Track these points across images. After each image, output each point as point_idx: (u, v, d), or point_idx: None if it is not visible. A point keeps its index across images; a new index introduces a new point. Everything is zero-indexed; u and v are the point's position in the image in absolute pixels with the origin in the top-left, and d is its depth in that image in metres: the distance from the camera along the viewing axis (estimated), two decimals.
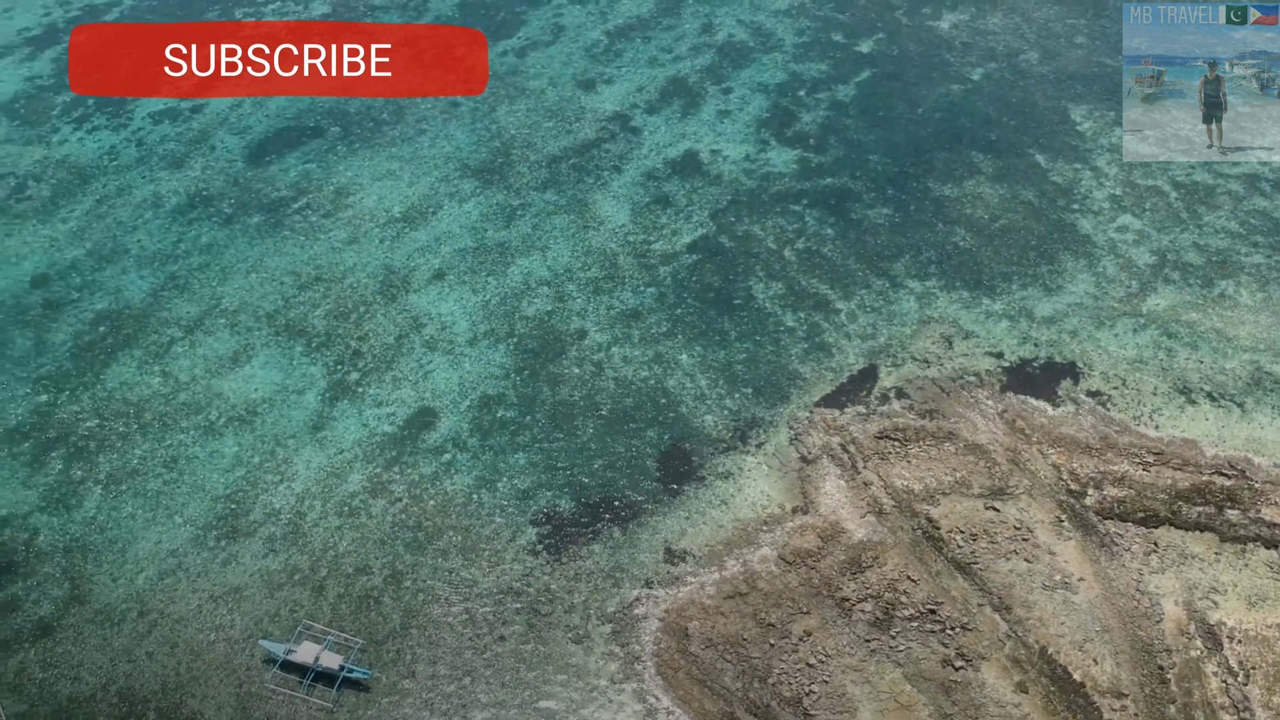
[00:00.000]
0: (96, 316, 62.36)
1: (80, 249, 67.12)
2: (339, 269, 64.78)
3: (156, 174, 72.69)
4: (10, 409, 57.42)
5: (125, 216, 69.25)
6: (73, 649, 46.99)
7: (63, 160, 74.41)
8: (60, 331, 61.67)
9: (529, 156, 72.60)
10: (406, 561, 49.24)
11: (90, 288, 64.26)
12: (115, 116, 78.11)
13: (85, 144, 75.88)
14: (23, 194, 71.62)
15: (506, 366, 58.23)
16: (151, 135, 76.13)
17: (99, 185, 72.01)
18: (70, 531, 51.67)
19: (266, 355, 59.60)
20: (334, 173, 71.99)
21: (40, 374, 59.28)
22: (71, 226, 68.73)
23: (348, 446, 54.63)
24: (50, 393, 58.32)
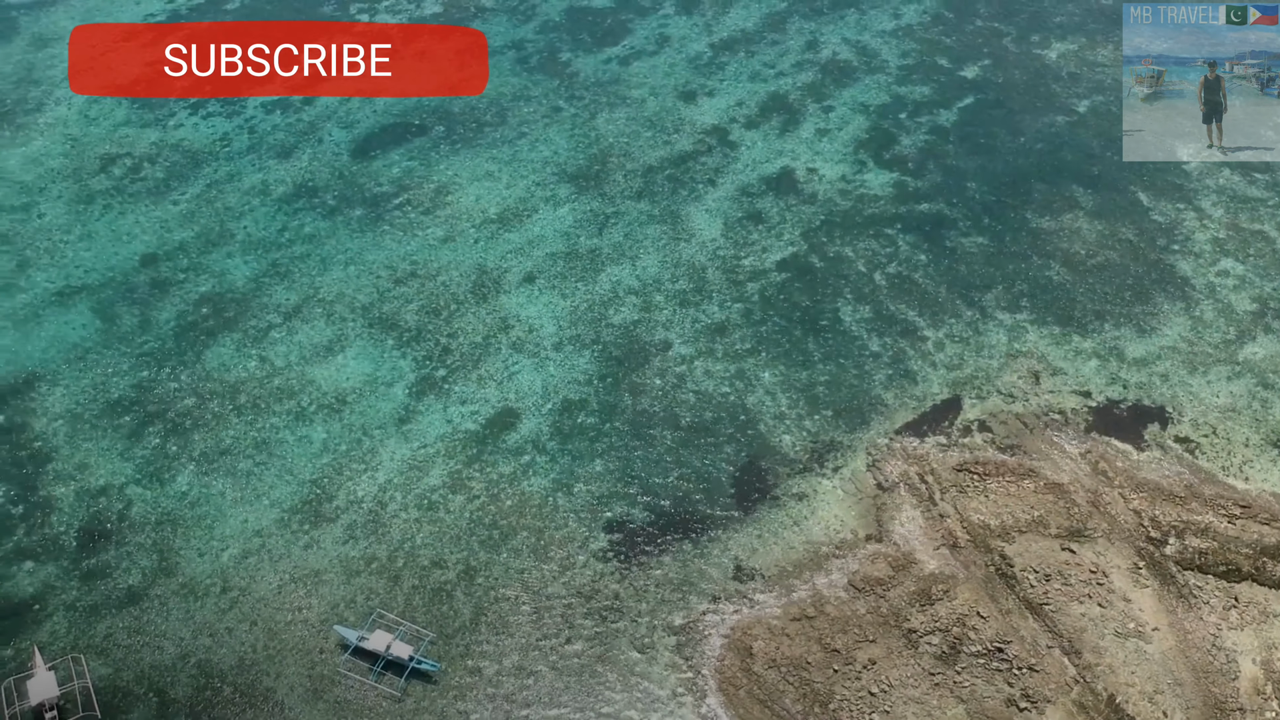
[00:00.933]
0: (200, 298, 64.63)
1: (189, 231, 69.57)
2: (433, 266, 66.23)
3: (266, 162, 75.01)
4: (114, 382, 59.80)
5: (233, 202, 71.58)
6: (157, 619, 48.86)
7: (177, 144, 77.16)
8: (165, 310, 64.02)
9: (625, 165, 73.39)
10: (480, 559, 50.27)
11: (196, 270, 66.60)
12: (229, 104, 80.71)
13: (200, 129, 78.57)
14: (138, 175, 74.44)
15: (590, 373, 59.03)
16: (263, 124, 78.55)
17: (210, 170, 74.54)
18: (162, 505, 53.69)
19: (359, 346, 61.22)
20: (435, 171, 73.57)
21: (144, 350, 61.63)
22: (182, 209, 71.25)
23: (431, 441, 55.90)
24: (152, 369, 60.60)
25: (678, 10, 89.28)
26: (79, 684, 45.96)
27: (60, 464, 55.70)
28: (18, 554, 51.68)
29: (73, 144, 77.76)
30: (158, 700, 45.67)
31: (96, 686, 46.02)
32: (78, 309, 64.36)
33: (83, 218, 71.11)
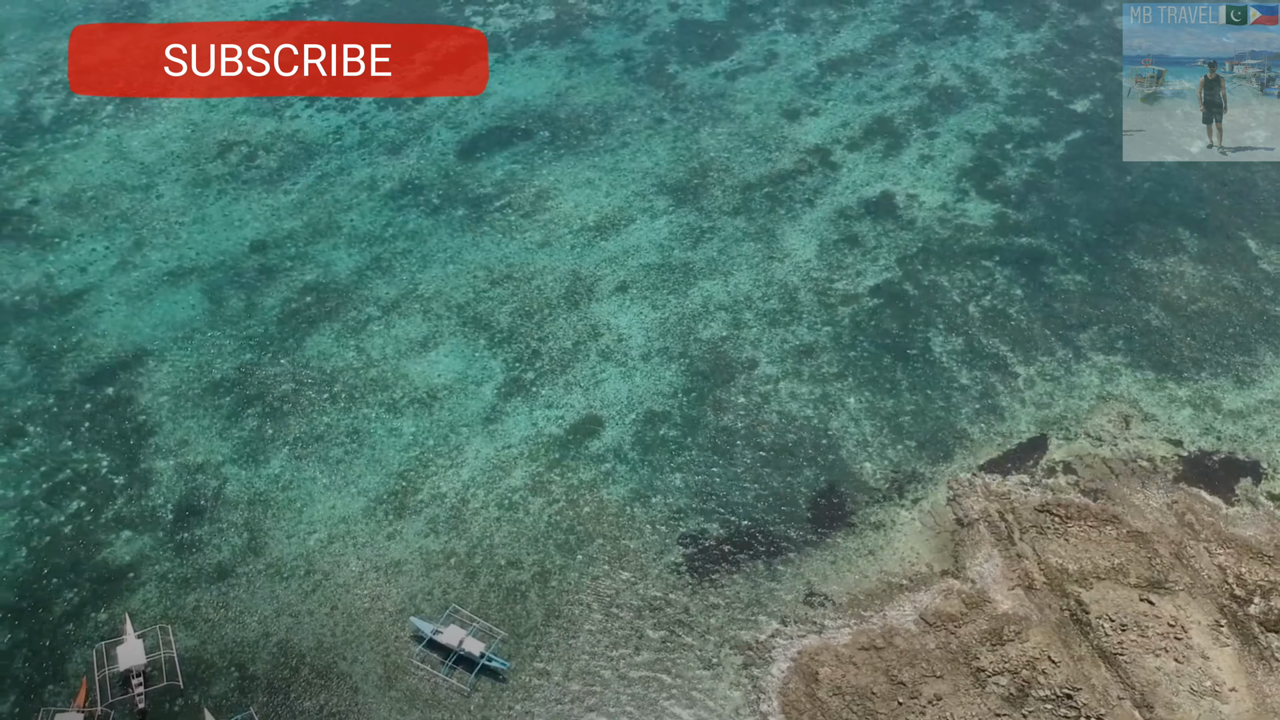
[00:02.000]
0: (305, 287, 66.72)
1: (298, 221, 71.82)
2: (529, 269, 67.46)
3: (375, 158, 77.06)
4: (218, 363, 62.09)
5: (342, 195, 73.72)
6: (244, 596, 50.73)
7: (292, 135, 79.67)
8: (271, 296, 66.24)
9: (725, 181, 73.87)
10: (556, 562, 51.22)
11: (302, 259, 68.75)
12: (344, 98, 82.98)
13: (314, 121, 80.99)
14: (253, 163, 77.05)
15: (675, 386, 59.66)
16: (375, 120, 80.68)
17: (322, 162, 76.83)
18: (255, 485, 55.65)
19: (452, 344, 62.68)
20: (537, 175, 74.86)
21: (248, 334, 63.86)
22: (293, 199, 73.59)
23: (515, 442, 57.05)
24: (254, 352, 62.78)
25: (788, 28, 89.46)
26: (165, 654, 47.95)
27: (162, 439, 58.05)
28: (117, 522, 54.04)
29: (193, 129, 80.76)
30: (238, 675, 47.43)
31: (181, 657, 47.98)
32: (188, 289, 66.94)
33: (198, 201, 73.87)
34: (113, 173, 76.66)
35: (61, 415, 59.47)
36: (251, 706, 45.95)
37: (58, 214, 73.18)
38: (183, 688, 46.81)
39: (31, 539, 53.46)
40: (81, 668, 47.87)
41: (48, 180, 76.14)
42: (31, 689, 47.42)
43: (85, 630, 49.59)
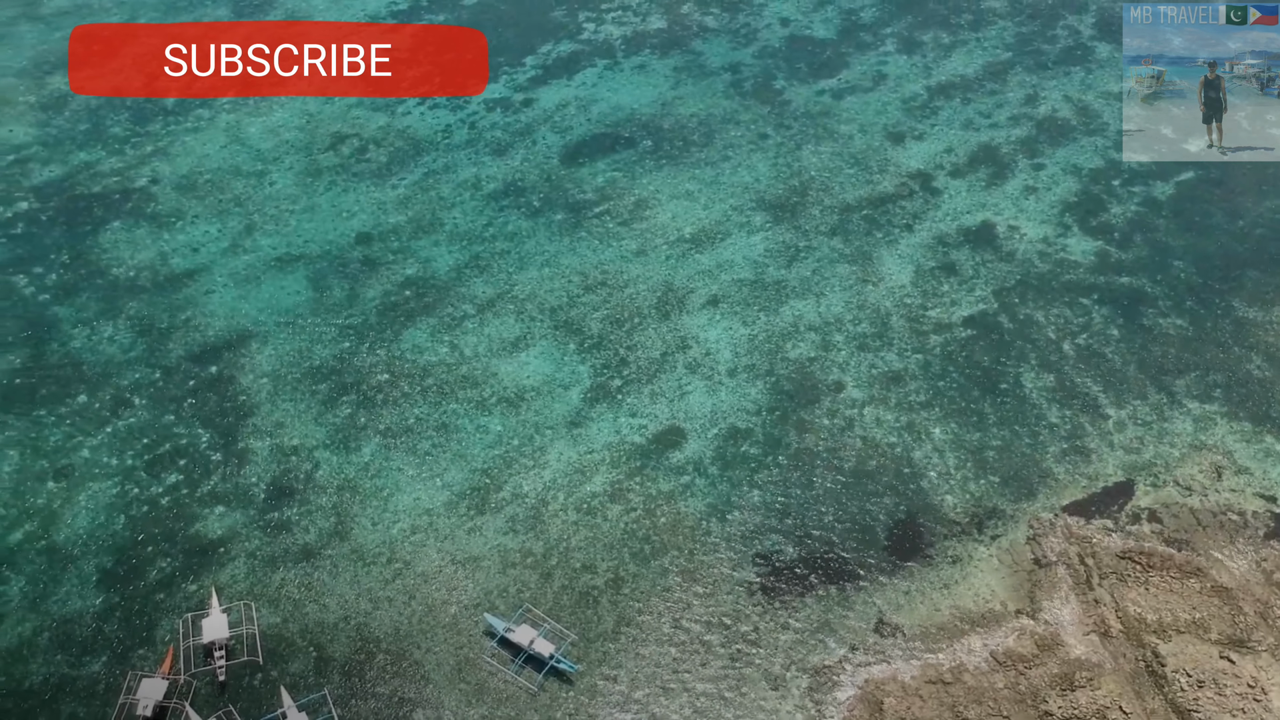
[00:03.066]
0: (405, 281, 68.41)
1: (403, 215, 73.66)
2: (623, 277, 68.26)
3: (481, 158, 78.64)
4: (318, 350, 64.02)
5: (447, 193, 75.38)
6: (327, 578, 52.32)
7: (403, 131, 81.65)
8: (372, 288, 68.06)
9: (824, 200, 73.86)
10: (630, 570, 51.87)
11: (404, 253, 70.48)
12: (455, 97, 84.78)
13: (425, 119, 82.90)
14: (363, 156, 79.17)
15: (760, 403, 59.92)
16: (484, 121, 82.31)
17: (429, 159, 78.63)
18: (345, 472, 57.32)
19: (543, 347, 63.74)
20: (637, 184, 75.66)
21: (348, 323, 65.72)
22: (399, 194, 75.48)
23: (598, 448, 57.85)
24: (353, 341, 64.59)
25: (899, 49, 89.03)
26: (247, 629, 49.70)
27: (260, 420, 60.07)
28: (212, 498, 56.10)
29: (309, 119, 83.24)
30: (316, 655, 48.96)
31: (262, 633, 49.68)
32: (294, 276, 69.10)
33: (309, 190, 76.18)
34: (230, 157, 79.43)
35: (166, 390, 61.89)
36: (326, 688, 47.40)
37: (175, 194, 76.10)
38: (262, 664, 48.50)
39: (131, 508, 55.79)
40: (169, 636, 49.85)
41: (168, 161, 79.21)
42: (122, 652, 49.53)
43: (174, 600, 51.63)
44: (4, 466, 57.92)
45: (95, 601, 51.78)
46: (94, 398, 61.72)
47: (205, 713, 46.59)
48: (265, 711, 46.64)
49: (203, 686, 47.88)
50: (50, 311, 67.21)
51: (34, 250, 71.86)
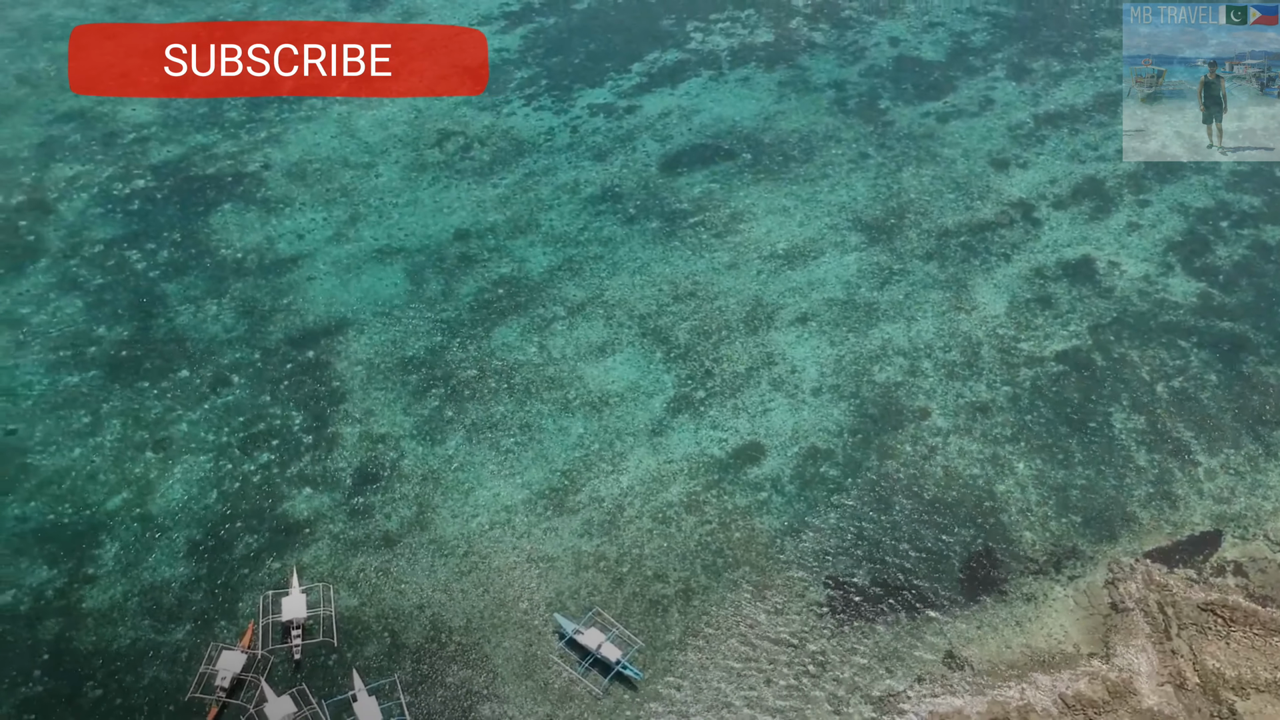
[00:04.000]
0: (499, 279, 69.60)
1: (501, 215, 74.92)
2: (713, 289, 68.59)
3: (581, 162, 79.59)
4: (411, 342, 65.48)
5: (545, 195, 76.47)
6: (405, 566, 53.55)
7: (507, 131, 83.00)
8: (467, 284, 69.38)
9: (921, 224, 73.34)
10: (701, 582, 52.20)
11: (500, 252, 71.70)
12: (561, 100, 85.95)
13: (529, 120, 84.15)
14: (467, 154, 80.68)
15: (842, 425, 59.79)
16: (586, 125, 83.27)
17: (530, 161, 79.83)
18: (430, 463, 58.57)
19: (629, 353, 64.37)
20: (734, 197, 75.92)
21: (441, 318, 67.08)
22: (500, 193, 76.78)
23: (677, 458, 58.27)
24: (445, 336, 65.91)
25: (1008, 75, 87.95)
26: (325, 610, 51.12)
27: (351, 406, 61.66)
28: (301, 479, 57.77)
29: (417, 115, 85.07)
30: (390, 640, 50.17)
31: (340, 615, 51.06)
32: (393, 268, 70.76)
33: (413, 185, 77.90)
34: (339, 148, 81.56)
35: (265, 371, 63.86)
36: (396, 673, 48.54)
37: (285, 181, 78.39)
38: (336, 646, 49.84)
39: (223, 483, 57.71)
40: (251, 611, 51.49)
41: (280, 148, 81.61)
42: (205, 622, 51.31)
43: (258, 576, 53.31)
44: (107, 435, 60.33)
45: (183, 571, 53.70)
46: (195, 374, 63.93)
47: (279, 689, 48.06)
48: (337, 692, 47.94)
49: (279, 663, 49.40)
50: (159, 288, 69.77)
51: (148, 227, 74.63)
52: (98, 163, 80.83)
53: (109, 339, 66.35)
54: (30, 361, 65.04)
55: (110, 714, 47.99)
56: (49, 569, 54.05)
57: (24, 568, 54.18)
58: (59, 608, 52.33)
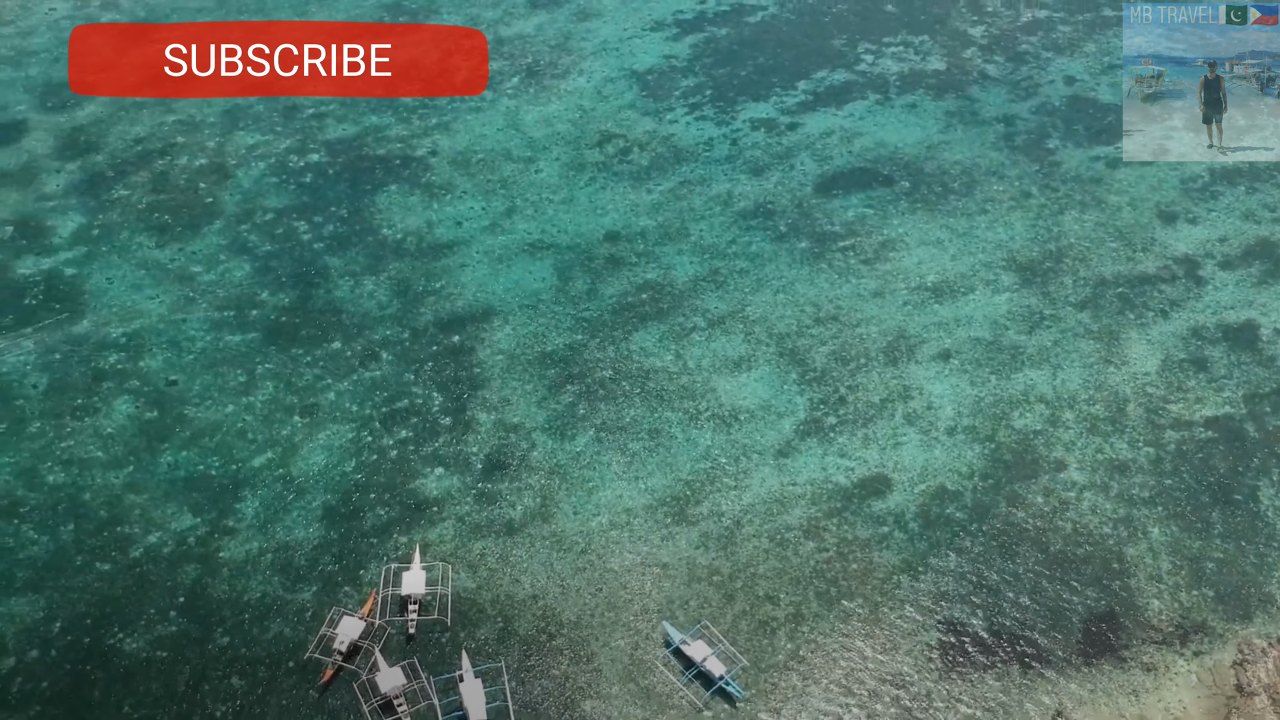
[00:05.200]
0: (644, 284, 70.57)
1: (652, 220, 75.89)
2: (856, 315, 68.21)
3: (737, 175, 80.00)
4: (552, 336, 66.97)
5: (698, 205, 77.14)
6: (524, 555, 54.90)
7: (667, 138, 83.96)
8: (612, 286, 70.54)
9: (1078, 270, 71.51)
10: (812, 609, 52.13)
11: (647, 257, 72.67)
12: (724, 112, 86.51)
13: (690, 129, 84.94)
14: (626, 157, 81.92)
15: (974, 467, 58.85)
16: (746, 139, 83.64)
17: (687, 169, 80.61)
18: (558, 457, 59.84)
19: (764, 371, 64.53)
20: (887, 224, 75.29)
21: (584, 316, 68.41)
22: (653, 199, 77.77)
23: (801, 481, 58.24)
24: (585, 334, 67.19)
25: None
26: (442, 589, 52.78)
27: (489, 393, 63.42)
28: (434, 459, 59.73)
29: (581, 114, 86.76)
30: (502, 626, 51.55)
31: (456, 596, 52.68)
32: (542, 263, 72.43)
33: (570, 183, 79.53)
34: (504, 140, 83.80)
35: (411, 351, 66.19)
36: (503, 659, 49.84)
37: (449, 168, 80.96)
38: (449, 625, 51.44)
39: (362, 454, 60.09)
40: (373, 580, 53.54)
41: (448, 136, 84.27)
42: (331, 586, 53.61)
43: (384, 547, 55.38)
44: (259, 395, 63.45)
45: (315, 534, 56.16)
46: (347, 346, 66.65)
47: (392, 660, 49.87)
48: (445, 670, 49.51)
49: (395, 635, 51.26)
50: (322, 260, 72.94)
51: (317, 200, 78.06)
52: (277, 134, 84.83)
53: (271, 304, 69.69)
54: (196, 318, 68.84)
55: (235, 661, 50.58)
56: (193, 517, 57.19)
57: (170, 513, 57.45)
58: (199, 555, 55.35)
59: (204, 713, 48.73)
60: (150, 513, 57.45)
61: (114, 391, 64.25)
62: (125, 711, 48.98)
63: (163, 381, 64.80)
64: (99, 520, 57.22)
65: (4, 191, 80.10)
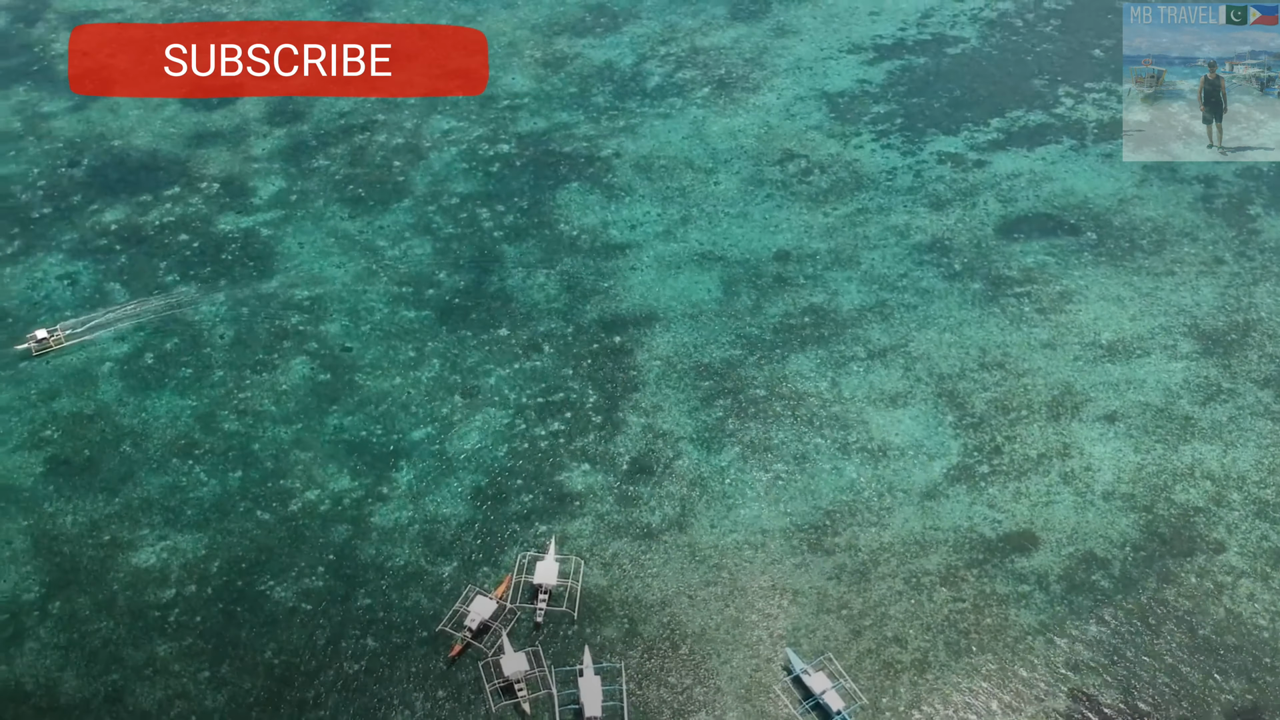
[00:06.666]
0: (808, 307, 70.50)
1: (825, 244, 75.66)
2: (1023, 365, 66.61)
3: (916, 208, 78.97)
4: (710, 349, 67.59)
5: (873, 233, 76.52)
6: (657, 561, 55.75)
7: (850, 163, 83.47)
8: (776, 305, 70.70)
9: (1266, 346, 68.09)
10: (939, 657, 51.37)
11: (816, 280, 72.53)
12: (911, 142, 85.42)
13: (874, 155, 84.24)
14: (806, 178, 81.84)
15: (1127, 537, 56.87)
16: (931, 171, 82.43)
17: (866, 196, 79.99)
18: (702, 469, 60.46)
19: (920, 410, 63.70)
20: (1067, 275, 73.16)
21: (744, 332, 68.79)
22: (829, 222, 77.52)
23: (944, 527, 57.35)
24: (744, 350, 67.58)
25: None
26: (573, 584, 54.01)
27: (642, 397, 64.49)
28: (582, 454, 61.15)
29: (767, 130, 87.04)
30: (627, 628, 52.53)
31: (585, 592, 53.83)
32: (710, 274, 73.15)
33: (747, 198, 79.96)
34: (687, 149, 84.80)
35: (572, 346, 67.84)
36: (623, 661, 50.77)
37: (631, 171, 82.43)
38: (576, 620, 52.65)
39: (514, 440, 61.98)
40: (509, 565, 55.21)
41: (633, 139, 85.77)
42: (469, 564, 55.63)
43: (524, 534, 57.10)
44: (425, 372, 66.11)
45: (462, 512, 58.30)
46: (513, 334, 68.75)
47: (517, 645, 51.37)
48: (567, 663, 50.74)
49: (523, 621, 52.77)
50: (500, 248, 75.37)
51: (501, 189, 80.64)
52: (471, 122, 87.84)
53: (447, 285, 72.43)
54: (376, 290, 72.13)
55: (373, 623, 53.00)
56: (351, 479, 60.07)
57: (331, 473, 60.47)
58: (351, 516, 58.14)
59: (338, 668, 51.27)
60: (312, 470, 60.59)
61: (293, 351, 67.92)
62: (267, 656, 51.91)
63: (339, 347, 68.15)
64: (264, 471, 60.67)
65: (216, 150, 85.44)
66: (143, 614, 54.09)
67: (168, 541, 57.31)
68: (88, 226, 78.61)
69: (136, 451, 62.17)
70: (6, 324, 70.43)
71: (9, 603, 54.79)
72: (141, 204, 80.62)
